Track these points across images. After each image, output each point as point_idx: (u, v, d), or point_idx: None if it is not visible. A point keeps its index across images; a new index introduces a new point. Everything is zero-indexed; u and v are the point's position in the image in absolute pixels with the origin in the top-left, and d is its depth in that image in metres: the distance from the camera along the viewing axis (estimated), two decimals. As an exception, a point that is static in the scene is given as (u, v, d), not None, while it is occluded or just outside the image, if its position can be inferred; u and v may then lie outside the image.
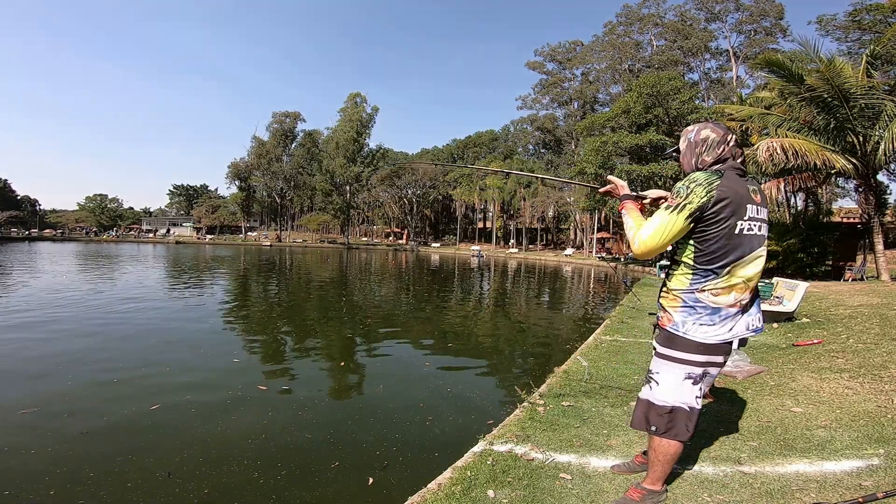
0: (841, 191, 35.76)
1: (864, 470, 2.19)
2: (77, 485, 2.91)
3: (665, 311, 1.87)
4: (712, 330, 1.77)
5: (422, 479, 2.47)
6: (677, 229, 1.72)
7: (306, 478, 3.08)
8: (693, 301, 1.78)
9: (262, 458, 3.33)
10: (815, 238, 12.50)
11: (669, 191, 2.02)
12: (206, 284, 15.47)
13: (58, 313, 8.73)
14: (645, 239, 1.73)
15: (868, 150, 10.90)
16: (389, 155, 69.72)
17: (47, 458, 3.24)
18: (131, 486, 2.91)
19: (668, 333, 1.85)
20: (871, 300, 7.05)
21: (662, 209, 1.75)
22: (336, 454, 3.42)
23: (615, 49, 50.14)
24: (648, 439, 1.95)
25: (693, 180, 1.72)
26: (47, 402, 4.21)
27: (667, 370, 1.85)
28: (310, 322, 9.30)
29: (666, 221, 1.72)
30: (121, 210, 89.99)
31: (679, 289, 1.82)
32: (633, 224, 1.83)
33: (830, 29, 29.14)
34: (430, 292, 15.83)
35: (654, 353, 1.92)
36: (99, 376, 5.11)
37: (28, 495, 2.80)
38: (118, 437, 3.64)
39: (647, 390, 1.92)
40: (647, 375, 1.94)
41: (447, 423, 4.09)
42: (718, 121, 13.96)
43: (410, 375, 5.72)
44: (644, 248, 1.74)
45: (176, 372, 5.38)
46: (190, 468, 3.14)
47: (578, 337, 7.41)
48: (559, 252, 50.90)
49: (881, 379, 3.46)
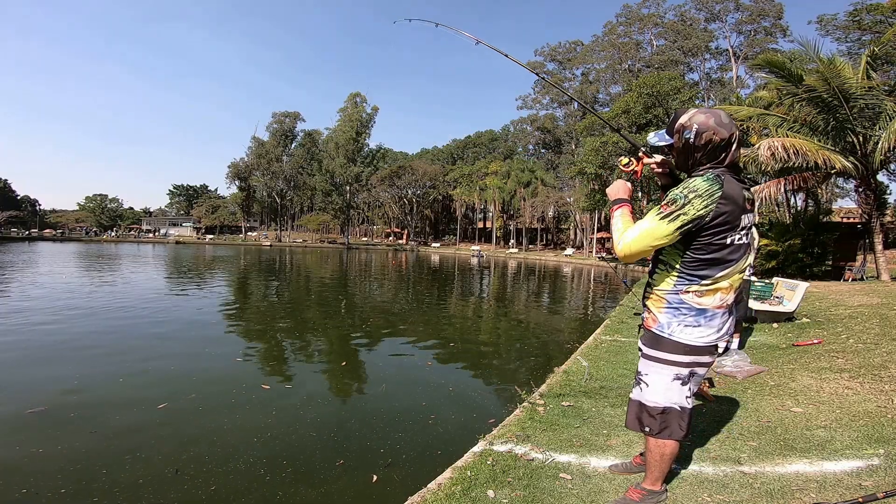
0: (841, 191, 35.77)
1: (864, 470, 2.19)
2: (92, 482, 2.96)
3: (650, 312, 1.85)
4: (697, 331, 1.74)
5: (425, 476, 2.48)
6: (664, 238, 1.64)
7: (312, 475, 3.11)
8: (678, 302, 1.75)
9: (268, 455, 3.36)
10: (815, 238, 12.48)
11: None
12: (207, 285, 15.48)
13: (60, 315, 8.73)
14: (629, 242, 1.67)
15: (868, 150, 10.90)
16: (389, 155, 69.73)
17: (59, 455, 3.27)
18: (143, 482, 2.95)
19: (653, 334, 1.82)
20: (871, 300, 7.05)
21: (654, 214, 1.66)
22: (340, 452, 3.46)
23: (615, 49, 50.18)
24: (645, 440, 1.94)
25: (692, 189, 1.62)
26: (55, 402, 4.25)
27: (655, 371, 1.83)
28: (311, 322, 9.30)
29: (654, 228, 1.64)
30: (121, 210, 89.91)
31: (663, 290, 1.79)
32: (621, 226, 1.76)
33: (830, 29, 29.17)
34: (431, 292, 15.83)
35: (641, 354, 1.90)
36: (104, 376, 5.14)
37: (46, 493, 2.83)
38: (126, 435, 3.67)
39: (637, 392, 1.91)
40: (637, 377, 1.92)
41: (449, 421, 4.12)
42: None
43: (412, 375, 5.75)
44: (627, 251, 1.67)
45: (180, 372, 5.42)
46: (197, 466, 3.17)
47: (578, 337, 7.42)
48: (559, 252, 50.90)
49: (881, 379, 3.46)
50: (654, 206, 1.70)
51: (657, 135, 1.86)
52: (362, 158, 62.16)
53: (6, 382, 4.86)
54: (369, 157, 64.13)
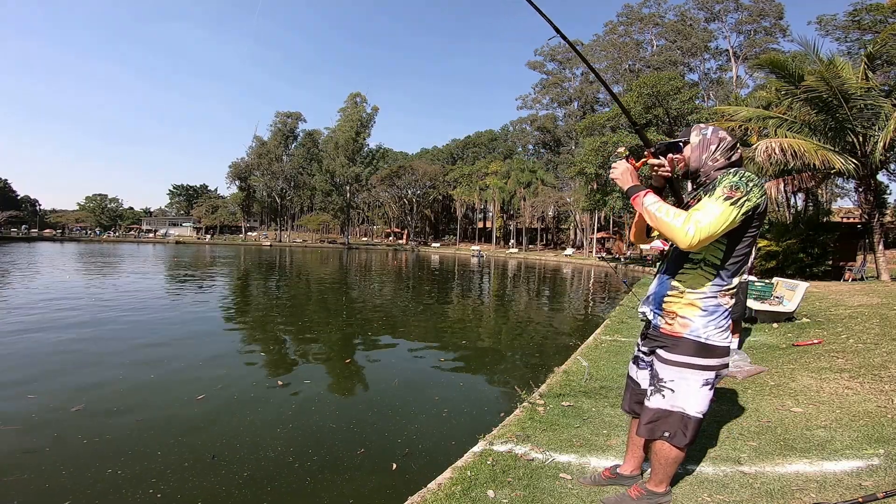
0: (841, 191, 35.78)
1: (864, 470, 2.19)
2: (150, 462, 3.22)
3: (676, 316, 1.75)
4: (727, 333, 1.75)
5: (441, 465, 2.59)
6: (732, 224, 1.58)
7: (336, 463, 3.30)
8: (714, 306, 1.71)
9: (294, 445, 3.55)
10: (815, 238, 12.46)
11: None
12: (215, 286, 15.56)
13: (67, 316, 8.73)
14: (704, 226, 1.53)
15: (868, 150, 10.90)
16: (389, 155, 69.72)
17: (108, 446, 3.46)
18: (188, 465, 3.20)
19: (682, 340, 1.73)
20: (871, 300, 7.05)
21: (719, 199, 1.58)
22: (360, 442, 3.62)
23: (616, 49, 50.16)
24: (652, 444, 1.89)
25: (748, 178, 1.61)
26: (92, 400, 4.38)
27: (682, 377, 1.75)
28: (318, 322, 9.33)
29: (727, 212, 1.56)
30: (121, 210, 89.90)
31: (698, 291, 1.72)
32: (669, 210, 1.63)
33: (830, 29, 29.17)
34: (431, 293, 15.83)
35: (660, 360, 1.80)
36: (132, 374, 5.26)
37: (107, 473, 3.06)
38: (164, 427, 3.87)
39: (658, 399, 1.80)
40: (657, 384, 1.81)
41: (462, 415, 4.28)
42: (718, 121, 13.96)
43: (420, 372, 5.92)
44: (703, 235, 1.54)
45: (195, 369, 5.57)
46: (230, 453, 3.39)
47: (578, 337, 7.42)
48: (559, 252, 50.90)
49: (881, 379, 3.46)
50: (709, 194, 1.63)
51: (666, 143, 1.89)
52: (362, 158, 62.14)
53: (45, 383, 4.92)
54: (369, 157, 64.09)
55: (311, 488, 2.96)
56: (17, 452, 3.31)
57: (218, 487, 2.93)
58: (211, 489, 2.91)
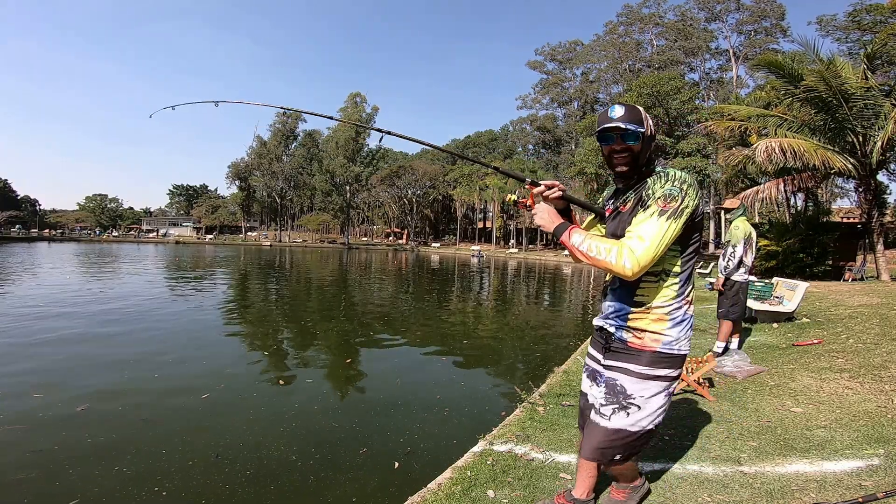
0: (841, 191, 35.78)
1: (864, 470, 2.20)
2: (155, 460, 3.25)
3: (644, 332, 1.61)
4: (690, 340, 1.68)
5: (443, 464, 2.60)
6: (675, 236, 1.48)
7: (339, 461, 3.31)
8: (683, 315, 1.61)
9: (297, 443, 3.57)
10: (814, 238, 12.45)
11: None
12: (216, 286, 15.59)
13: (69, 316, 8.74)
14: (642, 254, 1.41)
15: (868, 150, 10.90)
16: (389, 155, 69.71)
17: (113, 445, 3.48)
18: (192, 464, 3.22)
19: (657, 353, 1.60)
20: (871, 300, 7.05)
21: (653, 216, 1.46)
22: (363, 441, 3.64)
23: (616, 49, 50.20)
24: (594, 467, 1.82)
25: (682, 180, 1.51)
26: (97, 400, 4.41)
27: (651, 390, 1.62)
28: (319, 322, 9.34)
29: (665, 229, 1.44)
30: (121, 210, 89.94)
31: (664, 303, 1.59)
32: (601, 244, 1.48)
33: (830, 29, 29.20)
34: (431, 293, 15.84)
35: (629, 374, 1.63)
36: (135, 374, 5.27)
37: (114, 472, 3.09)
38: (168, 425, 3.92)
39: (622, 418, 1.64)
40: (622, 402, 1.64)
41: (464, 413, 4.29)
42: (718, 121, 13.94)
43: (421, 372, 5.96)
44: (644, 262, 1.42)
45: (198, 368, 5.60)
46: (234, 452, 3.41)
47: (578, 337, 7.42)
48: (559, 252, 50.86)
49: (881, 379, 3.46)
50: (642, 210, 1.50)
51: (625, 123, 1.54)
52: (362, 158, 62.19)
53: (49, 382, 4.93)
54: (369, 157, 64.12)
55: (313, 487, 2.98)
56: (26, 452, 3.33)
57: (222, 486, 2.95)
58: (215, 488, 2.93)
